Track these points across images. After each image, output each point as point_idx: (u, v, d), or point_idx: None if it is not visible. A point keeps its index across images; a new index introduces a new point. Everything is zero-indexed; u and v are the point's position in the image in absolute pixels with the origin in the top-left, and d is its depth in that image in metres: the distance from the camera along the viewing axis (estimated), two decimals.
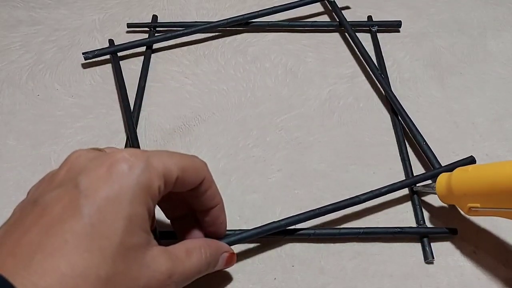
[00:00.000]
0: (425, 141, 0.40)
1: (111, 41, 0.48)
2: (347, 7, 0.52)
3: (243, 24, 0.49)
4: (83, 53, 0.46)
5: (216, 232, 0.31)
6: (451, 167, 0.38)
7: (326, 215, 0.36)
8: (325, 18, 0.52)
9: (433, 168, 0.38)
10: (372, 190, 0.36)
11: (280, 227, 0.34)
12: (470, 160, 0.38)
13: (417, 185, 0.37)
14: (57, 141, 0.41)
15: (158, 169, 0.25)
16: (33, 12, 0.52)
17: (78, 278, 0.20)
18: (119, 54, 0.47)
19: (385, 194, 0.36)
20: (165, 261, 0.25)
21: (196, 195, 0.29)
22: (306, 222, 0.35)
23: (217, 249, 0.30)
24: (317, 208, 0.35)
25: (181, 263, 0.26)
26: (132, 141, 0.40)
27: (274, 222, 0.34)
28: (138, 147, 0.40)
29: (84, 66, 0.47)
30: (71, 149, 0.40)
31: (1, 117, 0.43)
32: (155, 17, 0.51)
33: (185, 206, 0.31)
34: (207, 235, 0.31)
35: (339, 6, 0.51)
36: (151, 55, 0.47)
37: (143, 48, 0.48)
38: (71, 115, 0.43)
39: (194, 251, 0.27)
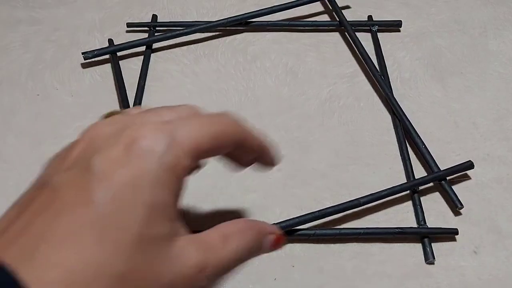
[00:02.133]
0: (424, 144, 0.40)
1: (110, 41, 0.48)
2: (347, 7, 0.52)
3: (243, 24, 0.49)
4: (82, 53, 0.46)
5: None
6: (449, 171, 0.38)
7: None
8: (325, 17, 0.52)
9: (432, 172, 0.38)
10: (372, 193, 0.36)
11: (281, 229, 0.34)
12: (469, 165, 0.38)
13: None
14: (57, 141, 0.41)
15: (185, 145, 0.21)
16: (33, 11, 0.52)
17: (88, 273, 0.18)
18: (119, 53, 0.47)
19: (385, 198, 0.36)
20: (196, 252, 0.21)
21: (233, 154, 0.25)
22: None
23: (260, 230, 0.24)
24: (318, 211, 0.35)
25: (215, 252, 0.22)
26: None
27: (274, 224, 0.34)
28: None
29: (84, 65, 0.47)
30: None
31: (0, 116, 0.43)
32: (155, 17, 0.51)
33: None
34: None
35: (339, 5, 0.51)
36: (150, 54, 0.47)
37: (143, 48, 0.48)
38: (71, 114, 0.43)
39: (232, 236, 0.23)
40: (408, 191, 0.38)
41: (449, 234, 0.36)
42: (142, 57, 0.47)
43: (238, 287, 0.33)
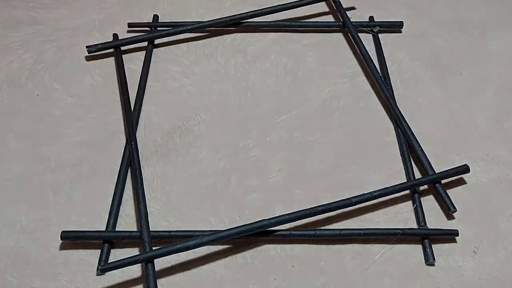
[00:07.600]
0: (420, 147, 0.40)
1: (115, 35, 0.48)
2: (353, 8, 0.52)
3: (243, 24, 0.49)
4: (86, 47, 0.46)
5: None
6: (444, 175, 0.38)
7: (327, 216, 0.36)
8: (326, 18, 0.52)
9: (427, 175, 0.38)
10: (363, 194, 0.36)
11: (270, 225, 0.34)
12: (465, 169, 0.38)
13: None
14: (57, 141, 0.41)
15: None
16: (33, 12, 0.52)
17: None
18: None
19: (376, 198, 0.36)
20: None
21: None
22: (304, 222, 0.35)
23: None
24: (308, 209, 0.35)
25: None
26: (132, 141, 0.40)
27: (264, 220, 0.34)
28: (137, 147, 0.40)
29: (84, 65, 0.47)
30: (71, 149, 0.40)
31: (1, 117, 0.43)
32: (156, 17, 0.51)
33: None
34: None
35: (343, 6, 0.50)
36: (151, 55, 0.47)
37: (144, 48, 0.48)
38: (70, 115, 0.43)
39: None
40: (409, 192, 0.38)
41: (449, 235, 0.36)
42: (142, 57, 0.47)
43: (238, 287, 0.33)
